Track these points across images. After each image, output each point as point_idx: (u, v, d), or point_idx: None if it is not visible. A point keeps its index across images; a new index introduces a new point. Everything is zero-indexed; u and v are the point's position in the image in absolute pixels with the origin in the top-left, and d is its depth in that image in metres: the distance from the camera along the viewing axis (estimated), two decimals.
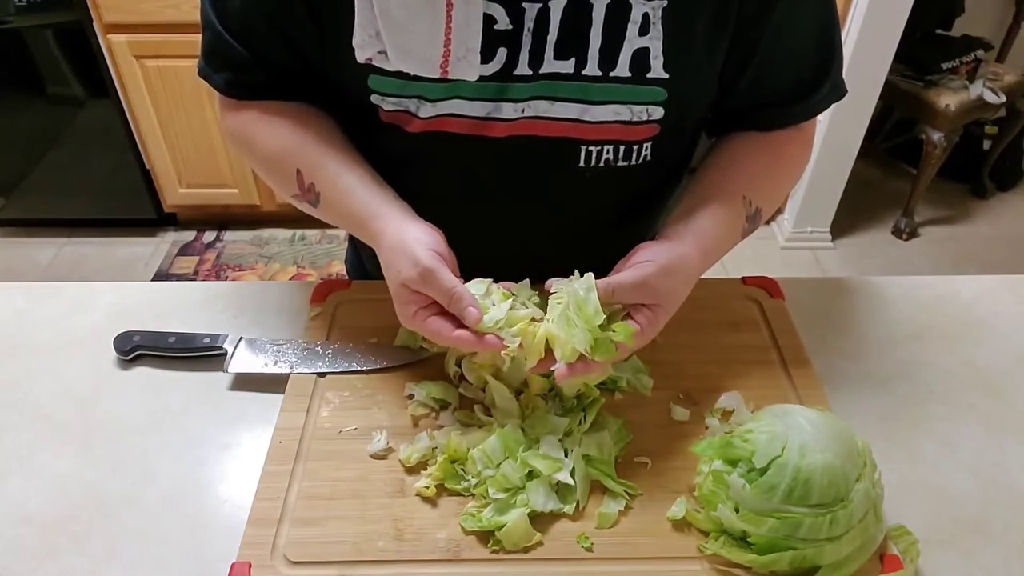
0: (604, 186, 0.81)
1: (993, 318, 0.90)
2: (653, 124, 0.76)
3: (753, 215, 0.80)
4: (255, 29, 0.75)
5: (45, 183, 2.56)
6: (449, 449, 0.69)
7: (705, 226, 0.75)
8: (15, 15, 2.18)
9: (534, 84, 0.73)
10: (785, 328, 0.85)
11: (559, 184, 0.80)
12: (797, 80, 0.79)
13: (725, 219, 0.77)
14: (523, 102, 0.74)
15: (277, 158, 0.79)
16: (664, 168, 0.84)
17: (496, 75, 0.72)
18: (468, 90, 0.73)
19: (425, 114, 0.75)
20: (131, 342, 0.83)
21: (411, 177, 0.82)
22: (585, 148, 0.77)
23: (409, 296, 0.69)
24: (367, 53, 0.72)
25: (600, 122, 0.75)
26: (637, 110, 0.74)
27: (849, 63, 2.19)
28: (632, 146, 0.77)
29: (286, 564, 0.63)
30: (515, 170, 0.79)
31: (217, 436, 0.76)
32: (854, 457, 0.62)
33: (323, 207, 0.78)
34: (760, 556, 0.60)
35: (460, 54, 0.70)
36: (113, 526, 0.68)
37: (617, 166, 0.78)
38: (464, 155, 0.78)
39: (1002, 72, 2.56)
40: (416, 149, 0.78)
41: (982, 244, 2.72)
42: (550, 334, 0.67)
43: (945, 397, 0.80)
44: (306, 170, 0.77)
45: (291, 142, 0.78)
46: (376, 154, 0.82)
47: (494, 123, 0.75)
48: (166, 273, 2.56)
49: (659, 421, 0.75)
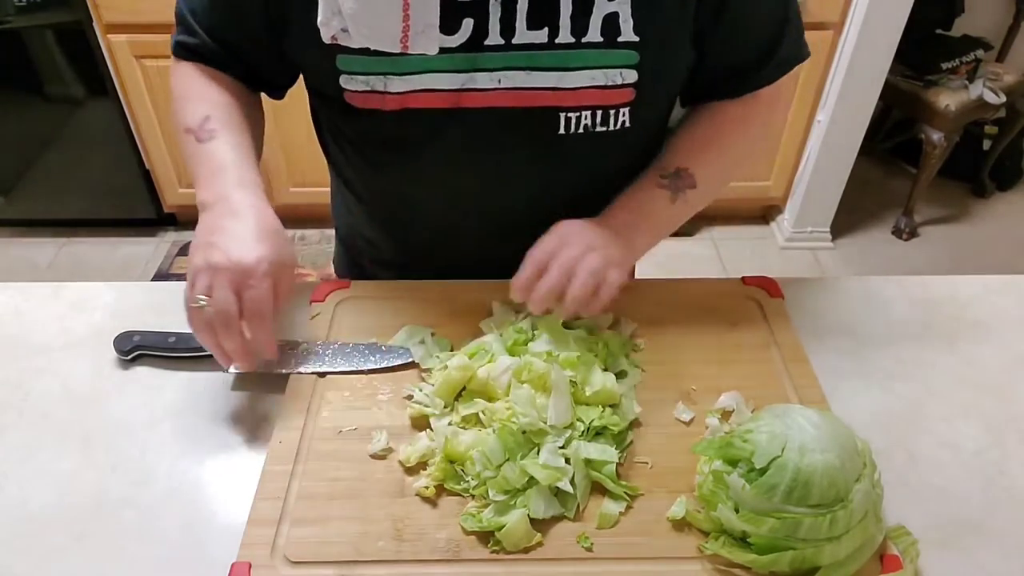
0: (585, 153, 0.82)
1: (993, 318, 0.90)
2: (628, 88, 0.77)
3: (674, 174, 0.83)
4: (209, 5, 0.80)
5: (45, 183, 2.56)
6: (447, 449, 0.69)
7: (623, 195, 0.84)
8: (15, 15, 2.18)
9: (508, 55, 0.74)
10: (785, 328, 0.85)
11: (541, 153, 0.82)
12: (759, 42, 0.82)
13: (640, 184, 0.84)
14: (498, 72, 0.75)
15: (197, 98, 0.82)
16: (643, 134, 0.85)
17: (464, 46, 0.74)
18: (438, 63, 0.74)
19: (396, 89, 0.76)
20: (131, 342, 0.83)
21: (395, 159, 0.84)
22: (564, 115, 0.78)
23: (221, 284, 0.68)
24: (331, 31, 0.74)
25: (577, 88, 0.76)
26: (611, 74, 0.76)
27: (849, 63, 2.19)
28: (609, 111, 0.79)
29: (286, 564, 0.63)
30: (496, 141, 0.80)
31: (217, 436, 0.76)
32: (854, 457, 0.62)
33: (205, 148, 0.78)
34: (760, 556, 0.60)
35: (419, 28, 0.72)
36: (113, 526, 0.68)
37: (596, 132, 0.80)
38: (444, 129, 0.79)
39: (1002, 72, 2.56)
40: (395, 127, 0.80)
41: (982, 244, 2.72)
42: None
43: (945, 397, 0.80)
44: (215, 117, 0.80)
45: (215, 95, 0.82)
46: (352, 137, 0.85)
47: (470, 94, 0.76)
48: (166, 273, 2.56)
49: (659, 421, 0.75)
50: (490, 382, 0.73)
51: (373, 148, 0.86)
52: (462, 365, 0.74)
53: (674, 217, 0.85)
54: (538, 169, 0.84)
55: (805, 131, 2.42)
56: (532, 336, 0.78)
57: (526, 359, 0.74)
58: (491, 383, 0.73)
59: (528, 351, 0.76)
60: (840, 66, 2.23)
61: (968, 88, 2.47)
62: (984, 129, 2.87)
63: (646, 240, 0.84)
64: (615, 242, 0.78)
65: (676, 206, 0.84)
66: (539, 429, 0.69)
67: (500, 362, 0.74)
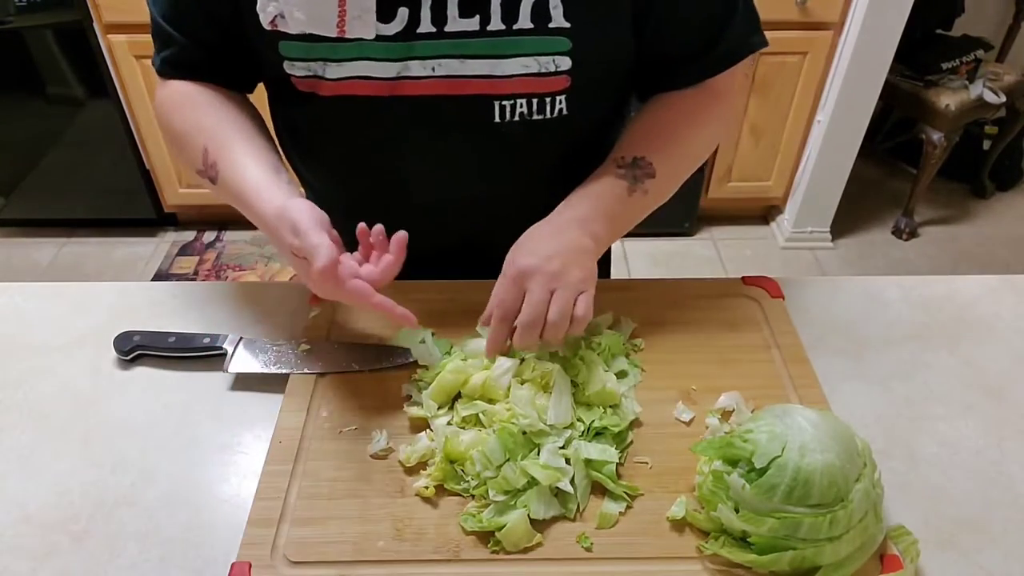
0: (523, 141, 0.82)
1: (993, 318, 0.90)
2: (562, 75, 0.78)
3: (631, 163, 0.81)
4: (179, 6, 0.80)
5: (45, 183, 2.56)
6: (447, 449, 0.69)
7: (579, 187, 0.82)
8: (15, 15, 2.18)
9: (440, 42, 0.75)
10: (785, 328, 0.85)
11: (478, 142, 0.82)
12: (702, 30, 0.81)
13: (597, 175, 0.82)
14: (431, 60, 0.76)
15: (191, 134, 0.82)
16: (584, 123, 0.85)
17: (400, 35, 0.74)
18: (374, 51, 0.75)
19: (332, 75, 0.77)
20: (131, 342, 0.83)
21: (333, 146, 0.85)
22: (498, 104, 0.79)
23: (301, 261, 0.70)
24: (269, 16, 0.75)
25: (510, 75, 0.77)
26: (544, 61, 0.76)
27: (849, 63, 2.19)
28: (544, 99, 0.79)
29: (286, 564, 0.63)
30: (433, 130, 0.81)
31: (217, 436, 0.76)
32: (854, 457, 0.62)
33: (220, 185, 0.80)
34: (760, 556, 0.60)
35: (355, 13, 0.73)
36: (113, 526, 0.68)
37: (532, 120, 0.80)
38: (379, 118, 0.80)
39: (1002, 72, 2.56)
40: (334, 115, 0.81)
41: (982, 244, 2.72)
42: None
43: (945, 397, 0.80)
44: (212, 148, 0.80)
45: (205, 121, 0.82)
46: (298, 125, 0.86)
47: (405, 82, 0.77)
48: (166, 273, 2.56)
49: (659, 421, 0.75)
50: (489, 383, 0.73)
51: (314, 135, 0.87)
52: (456, 369, 0.74)
53: (634, 208, 0.82)
54: (477, 157, 0.84)
55: (805, 131, 2.42)
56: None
57: (528, 358, 0.74)
58: (491, 384, 0.73)
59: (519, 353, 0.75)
60: (840, 66, 2.23)
61: (968, 88, 2.47)
62: (984, 129, 2.88)
63: (607, 231, 0.80)
64: (575, 249, 0.76)
65: (635, 196, 0.81)
66: (539, 430, 0.69)
67: (500, 363, 0.74)
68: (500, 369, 0.73)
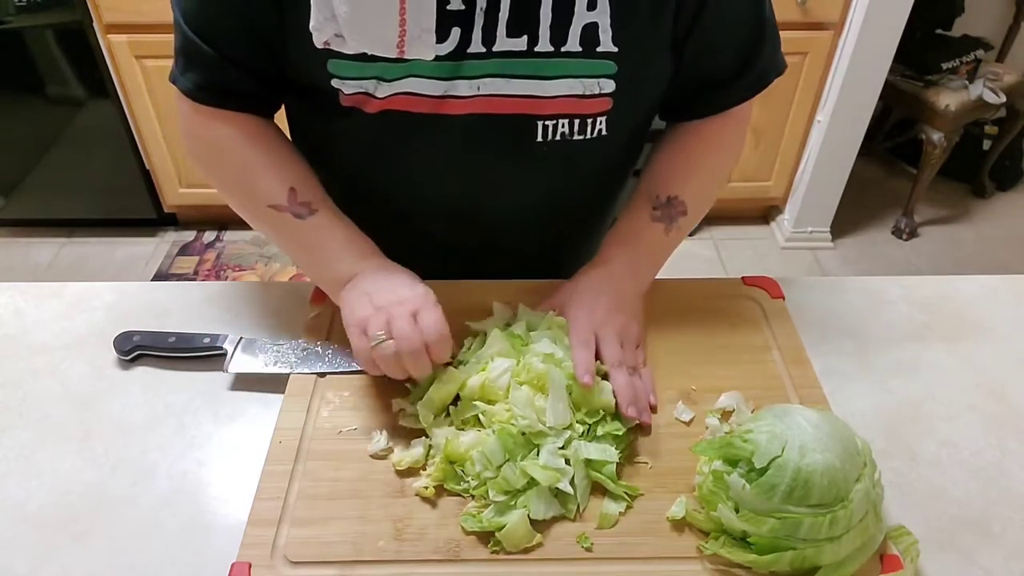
0: (562, 160, 0.82)
1: (993, 318, 0.90)
2: (605, 97, 0.78)
3: (665, 203, 0.85)
4: (219, 23, 0.75)
5: (45, 183, 2.56)
6: (447, 450, 0.69)
7: (618, 228, 0.88)
8: (15, 15, 2.17)
9: (488, 62, 0.74)
10: (785, 328, 0.85)
11: (518, 160, 0.82)
12: (737, 56, 0.82)
13: (634, 216, 0.87)
14: (477, 79, 0.75)
15: (269, 168, 0.80)
16: (620, 141, 0.85)
17: (451, 54, 0.74)
18: (424, 69, 0.74)
19: (382, 94, 0.76)
20: (131, 342, 0.83)
21: (373, 161, 0.84)
22: (541, 123, 0.78)
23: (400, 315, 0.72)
24: (324, 36, 0.73)
25: (554, 96, 0.76)
26: (589, 83, 0.76)
27: (849, 63, 2.19)
28: (587, 119, 0.79)
29: (286, 564, 0.63)
30: (474, 148, 0.80)
31: (217, 436, 0.76)
32: (854, 457, 0.62)
33: (309, 223, 0.80)
34: (760, 556, 0.60)
35: (415, 34, 0.72)
36: (113, 526, 0.68)
37: (573, 139, 0.80)
38: (423, 134, 0.79)
39: (1002, 72, 2.56)
40: (376, 130, 0.80)
41: (982, 244, 2.72)
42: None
43: (945, 397, 0.80)
44: (300, 187, 0.80)
45: (285, 161, 0.82)
46: (332, 139, 0.85)
47: (451, 101, 0.76)
48: (166, 273, 2.56)
49: (659, 421, 0.75)
50: (488, 384, 0.72)
51: (350, 148, 0.85)
52: (448, 379, 0.73)
53: (670, 245, 0.89)
54: (516, 175, 0.84)
55: (805, 131, 2.42)
56: (529, 340, 0.78)
57: (525, 360, 0.74)
58: (489, 385, 0.72)
59: (530, 351, 0.75)
60: (840, 66, 2.23)
61: (968, 88, 2.47)
62: (984, 129, 2.87)
63: (650, 274, 0.88)
64: (630, 298, 0.83)
65: (671, 235, 0.87)
66: (538, 431, 0.69)
67: (497, 364, 0.74)
68: (497, 370, 0.73)
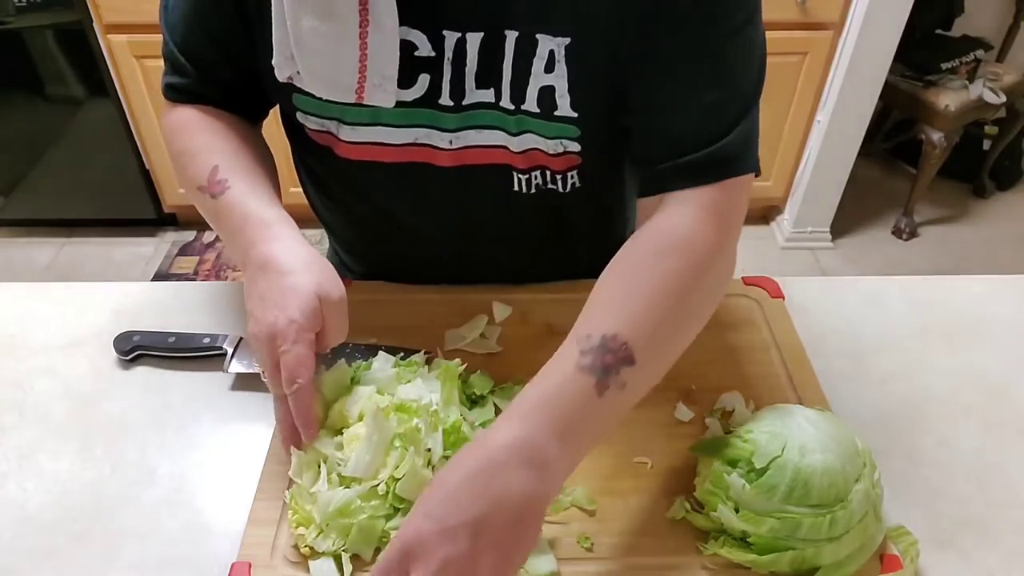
0: (542, 207, 0.81)
1: (993, 318, 0.90)
2: (572, 155, 0.74)
3: (599, 346, 0.58)
4: (197, 43, 0.75)
5: (45, 183, 2.56)
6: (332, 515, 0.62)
7: (540, 375, 0.59)
8: (15, 15, 2.17)
9: (462, 114, 0.72)
10: (785, 328, 0.85)
11: (504, 209, 0.81)
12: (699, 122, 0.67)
13: (559, 361, 0.59)
14: (449, 132, 0.74)
15: (201, 150, 0.77)
16: (600, 189, 0.82)
17: (419, 101, 0.71)
18: (390, 116, 0.72)
19: (347, 138, 0.75)
20: (131, 342, 0.83)
21: (349, 194, 0.85)
22: (516, 174, 0.77)
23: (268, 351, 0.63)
24: (286, 72, 0.71)
25: (524, 150, 0.74)
26: (551, 144, 0.73)
27: (849, 63, 2.19)
28: (557, 174, 0.77)
29: (286, 564, 0.63)
30: (452, 195, 0.80)
31: (217, 436, 0.76)
32: (854, 457, 0.62)
33: (221, 202, 0.72)
34: (760, 556, 0.60)
35: (376, 81, 0.69)
36: (113, 526, 0.68)
37: (548, 188, 0.78)
38: (398, 181, 0.79)
39: (1002, 72, 2.56)
40: (347, 173, 0.80)
41: (982, 244, 2.72)
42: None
43: (945, 397, 0.80)
44: (223, 166, 0.74)
45: (218, 142, 0.77)
46: (313, 168, 0.85)
47: (424, 149, 0.75)
48: (166, 273, 2.56)
49: (659, 421, 0.75)
50: (343, 413, 0.68)
51: (331, 181, 0.86)
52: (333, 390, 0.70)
53: (607, 410, 0.58)
54: (497, 221, 0.83)
55: (805, 131, 2.42)
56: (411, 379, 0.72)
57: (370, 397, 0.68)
58: (343, 414, 0.68)
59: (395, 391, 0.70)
60: (840, 66, 2.23)
61: (968, 88, 2.47)
62: (984, 129, 2.87)
63: (567, 454, 0.56)
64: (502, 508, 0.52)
65: (608, 395, 0.57)
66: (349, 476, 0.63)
67: (357, 392, 0.69)
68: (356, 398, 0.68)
